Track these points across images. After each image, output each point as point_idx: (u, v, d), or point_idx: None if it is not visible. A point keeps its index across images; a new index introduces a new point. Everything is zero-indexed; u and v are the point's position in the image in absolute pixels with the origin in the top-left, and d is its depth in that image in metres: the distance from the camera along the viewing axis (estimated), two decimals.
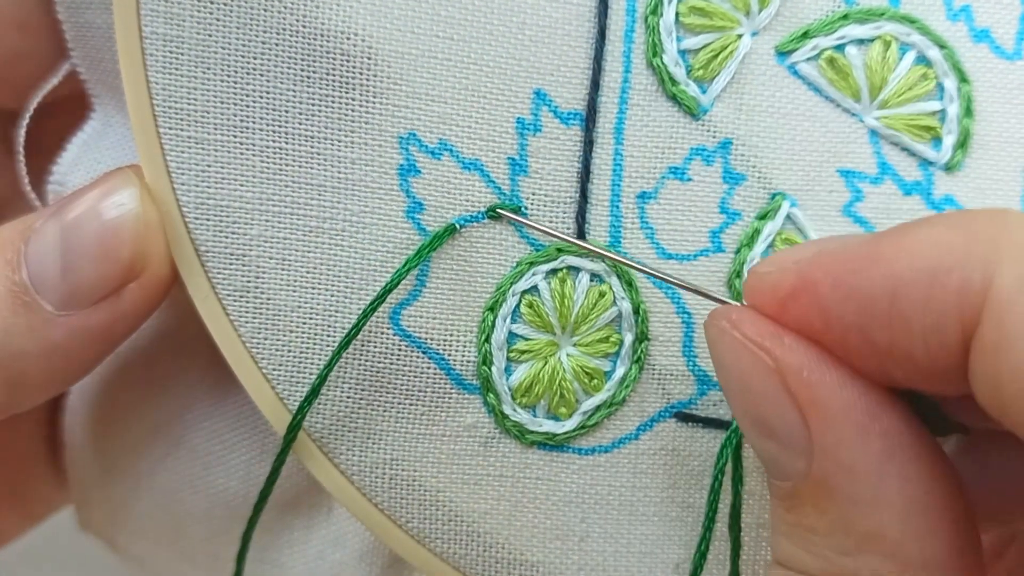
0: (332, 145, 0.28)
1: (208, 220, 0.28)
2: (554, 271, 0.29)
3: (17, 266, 0.27)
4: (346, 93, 0.28)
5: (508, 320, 0.29)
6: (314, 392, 0.28)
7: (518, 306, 0.29)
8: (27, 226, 0.28)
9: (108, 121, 0.32)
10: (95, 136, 0.32)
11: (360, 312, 0.28)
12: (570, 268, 0.29)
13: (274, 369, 0.29)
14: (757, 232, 0.30)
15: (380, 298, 0.28)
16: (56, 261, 0.27)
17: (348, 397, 0.29)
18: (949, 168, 0.30)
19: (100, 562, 0.39)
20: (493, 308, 0.29)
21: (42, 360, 0.28)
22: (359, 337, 0.29)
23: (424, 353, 0.29)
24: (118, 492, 0.35)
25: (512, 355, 0.29)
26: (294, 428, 0.28)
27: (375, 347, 0.29)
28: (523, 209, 0.29)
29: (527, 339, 0.29)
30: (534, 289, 0.29)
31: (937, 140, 0.30)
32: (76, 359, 0.28)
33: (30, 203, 0.33)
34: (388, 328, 0.29)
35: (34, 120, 0.32)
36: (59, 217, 0.28)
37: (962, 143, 0.30)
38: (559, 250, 0.29)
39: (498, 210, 0.28)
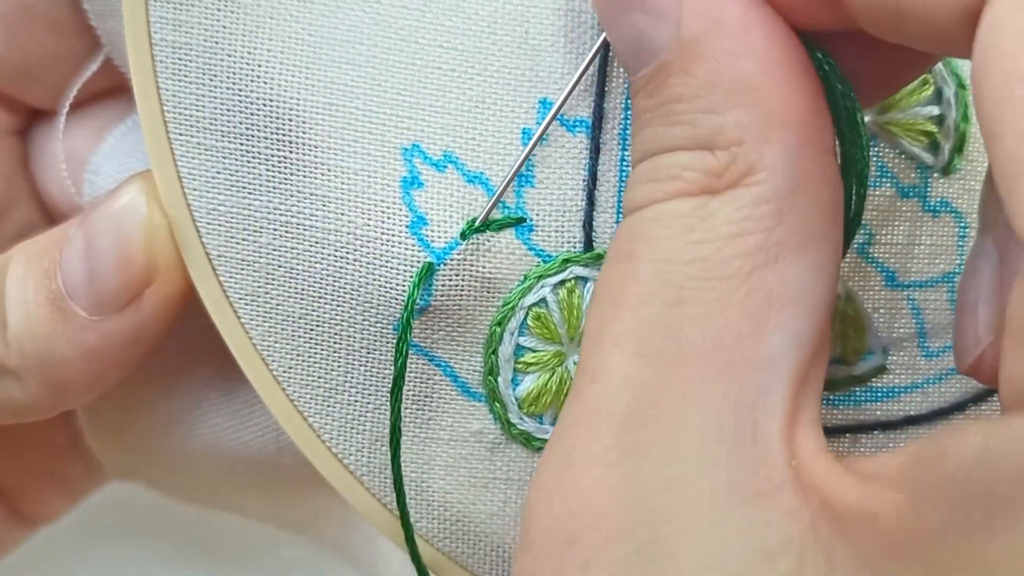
0: (335, 155, 0.28)
1: (219, 226, 0.28)
2: (562, 282, 0.29)
3: (53, 275, 0.29)
4: (349, 102, 0.28)
5: (516, 334, 0.29)
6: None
7: (526, 319, 0.29)
8: (63, 234, 0.29)
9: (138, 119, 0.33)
10: (129, 131, 0.33)
11: (367, 325, 0.29)
12: (578, 278, 0.29)
13: (284, 372, 0.29)
14: None
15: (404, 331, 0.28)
16: (83, 268, 0.28)
17: (356, 400, 0.29)
18: (946, 172, 0.31)
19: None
20: (501, 323, 0.29)
21: (82, 364, 0.29)
22: (365, 344, 0.29)
23: (430, 360, 0.29)
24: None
25: (519, 366, 0.29)
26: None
27: (380, 354, 0.29)
28: (529, 221, 0.29)
29: (535, 351, 0.29)
30: (542, 302, 0.29)
31: (935, 145, 0.30)
32: (112, 362, 0.30)
33: (68, 194, 0.34)
34: (393, 336, 0.29)
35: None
36: (85, 225, 0.29)
37: (959, 148, 0.30)
38: (566, 261, 0.29)
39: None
